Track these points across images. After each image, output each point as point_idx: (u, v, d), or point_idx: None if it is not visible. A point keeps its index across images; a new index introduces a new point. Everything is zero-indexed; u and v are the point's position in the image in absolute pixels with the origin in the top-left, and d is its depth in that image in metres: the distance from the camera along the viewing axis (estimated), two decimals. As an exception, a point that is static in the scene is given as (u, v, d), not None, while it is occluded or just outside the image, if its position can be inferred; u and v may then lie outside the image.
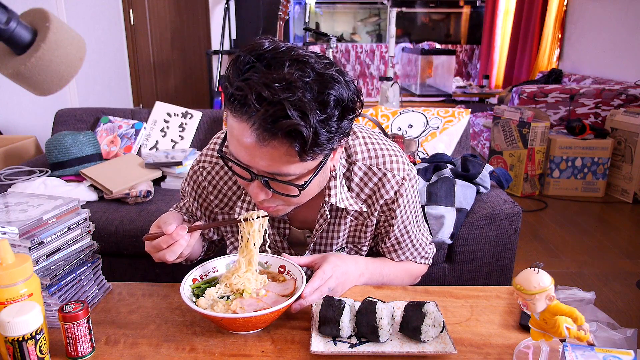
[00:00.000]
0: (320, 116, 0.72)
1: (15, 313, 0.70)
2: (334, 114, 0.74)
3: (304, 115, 0.70)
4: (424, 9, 7.59)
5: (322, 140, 0.73)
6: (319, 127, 0.72)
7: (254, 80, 0.70)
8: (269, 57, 0.73)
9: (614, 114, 3.66)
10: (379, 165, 0.99)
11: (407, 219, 1.04)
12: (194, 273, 0.92)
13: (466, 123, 2.25)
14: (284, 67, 0.72)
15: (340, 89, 0.74)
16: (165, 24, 5.37)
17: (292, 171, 0.78)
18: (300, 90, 0.70)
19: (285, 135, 0.71)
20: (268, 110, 0.70)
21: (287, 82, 0.70)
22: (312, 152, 0.75)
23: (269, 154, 0.75)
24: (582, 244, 2.86)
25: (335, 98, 0.73)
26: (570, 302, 0.95)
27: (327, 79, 0.73)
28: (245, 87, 0.71)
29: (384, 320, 0.79)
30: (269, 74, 0.71)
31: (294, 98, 0.69)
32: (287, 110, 0.69)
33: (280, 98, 0.69)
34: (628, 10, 4.21)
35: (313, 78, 0.72)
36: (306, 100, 0.70)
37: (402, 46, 7.16)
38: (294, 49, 0.74)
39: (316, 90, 0.72)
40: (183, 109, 2.50)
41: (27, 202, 0.91)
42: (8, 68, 0.70)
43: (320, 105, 0.72)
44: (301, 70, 0.72)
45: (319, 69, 0.73)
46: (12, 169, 2.27)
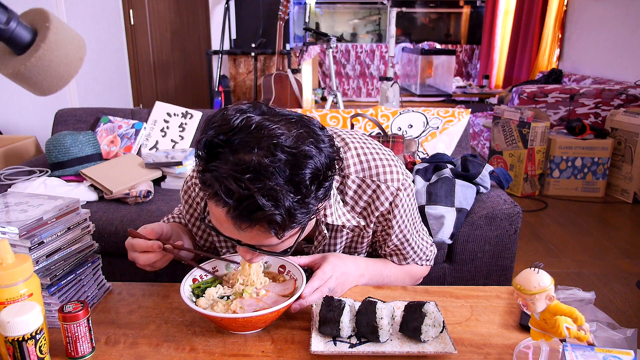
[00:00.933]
0: (294, 198, 0.70)
1: (15, 313, 0.70)
2: (311, 190, 0.72)
3: (277, 202, 0.68)
4: (424, 9, 7.59)
5: (298, 218, 0.72)
6: (295, 208, 0.70)
7: (221, 173, 0.68)
8: (236, 141, 0.70)
9: (614, 114, 3.66)
10: (373, 177, 0.97)
11: (405, 227, 1.04)
12: (194, 273, 0.93)
13: (466, 123, 2.25)
14: (252, 153, 0.68)
15: (314, 163, 0.71)
16: (165, 24, 5.37)
17: (274, 242, 0.78)
18: (271, 177, 0.68)
19: (261, 222, 0.71)
20: (240, 203, 0.68)
21: (257, 172, 0.67)
22: (291, 228, 0.74)
23: (247, 235, 0.75)
24: (582, 244, 2.86)
25: (310, 176, 0.71)
26: (570, 302, 0.95)
27: (300, 158, 0.70)
28: (214, 182, 0.69)
29: (384, 320, 0.79)
30: (236, 163, 0.68)
31: (266, 188, 0.67)
32: (259, 201, 0.67)
33: (250, 191, 0.67)
34: (628, 10, 4.22)
35: (285, 160, 0.69)
36: (278, 187, 0.68)
37: (402, 46, 7.16)
38: (264, 127, 0.70)
39: (288, 173, 0.69)
40: (183, 109, 2.50)
41: (27, 202, 0.91)
42: (8, 68, 0.70)
43: (294, 186, 0.70)
44: (272, 155, 0.68)
45: (291, 149, 0.70)
46: (12, 169, 2.27)
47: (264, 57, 4.78)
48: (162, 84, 5.55)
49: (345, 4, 7.65)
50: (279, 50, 4.51)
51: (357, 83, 7.60)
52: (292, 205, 0.70)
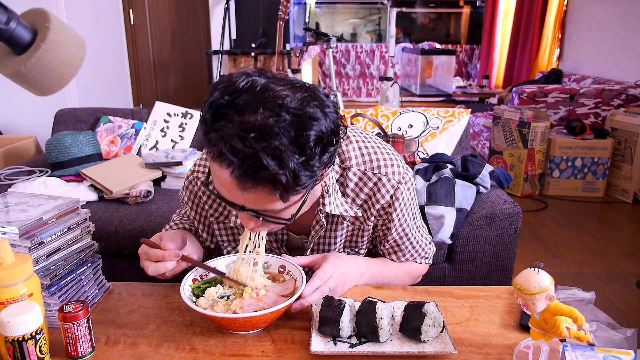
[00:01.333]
0: (299, 159, 0.70)
1: (15, 313, 0.70)
2: (315, 152, 0.72)
3: (281, 162, 0.68)
4: (424, 9, 7.59)
5: (303, 181, 0.72)
6: (299, 170, 0.70)
7: (227, 132, 0.68)
8: (242, 101, 0.70)
9: (614, 114, 3.66)
10: (374, 170, 0.98)
11: (405, 221, 1.04)
12: (194, 273, 0.93)
13: (466, 123, 2.25)
14: (257, 113, 0.68)
15: (319, 126, 0.71)
16: (165, 24, 5.37)
17: (278, 207, 0.77)
18: (276, 137, 0.68)
19: (265, 182, 0.70)
20: (245, 161, 0.68)
21: (262, 131, 0.67)
22: (295, 192, 0.74)
23: (251, 197, 0.74)
24: (582, 244, 2.86)
25: (315, 136, 0.71)
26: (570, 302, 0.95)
27: (305, 119, 0.70)
28: (219, 141, 0.69)
29: (384, 320, 0.79)
30: (242, 123, 0.68)
31: (270, 147, 0.67)
32: (264, 160, 0.67)
33: (256, 150, 0.67)
34: (628, 10, 4.22)
35: (289, 121, 0.69)
36: (283, 147, 0.68)
37: (402, 46, 7.16)
38: (269, 88, 0.71)
39: (293, 133, 0.69)
40: (183, 109, 2.50)
41: (27, 202, 0.91)
42: (8, 68, 0.70)
43: (299, 147, 0.70)
44: (276, 115, 0.68)
45: (296, 110, 0.70)
46: (12, 169, 2.27)
47: (264, 57, 4.78)
48: (162, 84, 5.55)
49: (345, 4, 7.65)
50: (279, 50, 4.51)
51: (357, 83, 7.60)
52: (297, 166, 0.69)
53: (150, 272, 0.90)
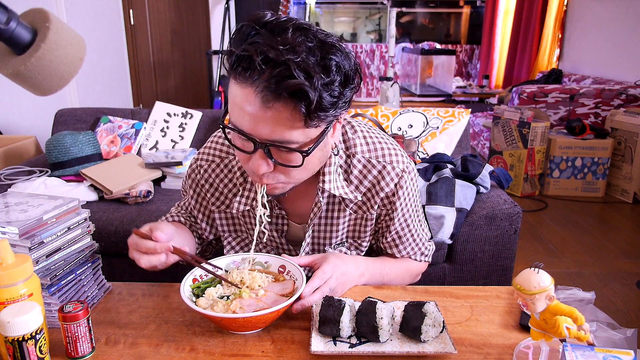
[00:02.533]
0: (324, 79, 0.73)
1: (15, 313, 0.70)
2: (336, 79, 0.75)
3: (309, 76, 0.71)
4: (424, 9, 7.59)
5: (325, 104, 0.74)
6: (323, 90, 0.73)
7: (259, 43, 0.72)
8: (272, 24, 0.74)
9: (614, 114, 3.66)
10: (379, 158, 0.99)
11: (408, 212, 1.05)
12: (194, 273, 0.92)
13: (466, 123, 2.25)
14: (287, 32, 0.73)
15: (341, 57, 0.76)
16: (165, 24, 5.37)
17: (295, 138, 0.78)
18: (304, 53, 0.71)
19: (290, 95, 0.72)
20: (274, 70, 0.71)
21: (292, 46, 0.71)
22: (316, 117, 0.75)
23: (272, 118, 0.75)
24: (582, 244, 2.86)
25: (337, 63, 0.75)
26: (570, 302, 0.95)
27: (329, 45, 0.75)
28: (251, 49, 0.72)
29: (384, 320, 0.79)
30: (273, 38, 0.72)
31: (299, 59, 0.70)
32: (293, 70, 0.70)
33: (285, 58, 0.70)
34: (628, 10, 4.22)
35: (316, 44, 0.74)
36: (310, 63, 0.71)
37: (402, 46, 7.16)
38: (296, 19, 0.76)
39: (319, 55, 0.73)
40: (183, 109, 2.50)
41: (27, 202, 0.91)
42: (8, 68, 0.70)
43: (324, 69, 0.73)
44: (304, 36, 0.73)
45: (321, 37, 0.75)
46: (12, 169, 2.27)
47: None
48: (162, 84, 5.55)
49: (345, 4, 7.65)
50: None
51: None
52: (321, 86, 0.72)
53: (143, 264, 0.88)
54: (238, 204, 1.01)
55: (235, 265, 0.98)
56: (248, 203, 1.01)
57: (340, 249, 1.08)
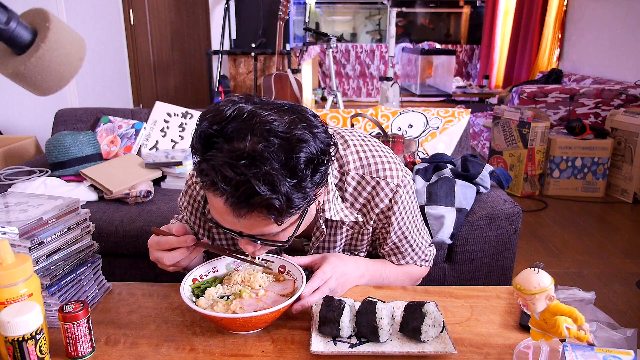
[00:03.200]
0: (290, 182, 0.71)
1: (15, 313, 0.70)
2: (306, 174, 0.72)
3: (274, 187, 0.69)
4: (424, 9, 7.59)
5: (296, 203, 0.73)
6: (292, 193, 0.71)
7: (217, 161, 0.69)
8: (230, 129, 0.71)
9: (614, 114, 3.66)
10: (372, 174, 0.98)
11: (404, 224, 1.04)
12: (194, 273, 0.93)
13: (466, 123, 2.25)
14: (246, 140, 0.69)
15: (309, 147, 0.72)
16: (165, 24, 5.37)
17: (275, 230, 0.79)
18: (267, 162, 0.68)
19: (260, 207, 0.71)
20: (237, 189, 0.69)
21: (252, 157, 0.68)
22: (289, 214, 0.75)
23: (247, 223, 0.76)
24: (582, 244, 2.86)
25: (305, 159, 0.72)
26: (570, 302, 0.95)
27: (294, 142, 0.71)
28: (210, 171, 0.70)
29: (384, 320, 0.79)
30: (231, 150, 0.69)
31: (261, 173, 0.68)
32: (256, 187, 0.68)
33: (247, 177, 0.68)
34: (628, 10, 4.22)
35: (278, 145, 0.70)
36: (274, 171, 0.69)
37: (402, 46, 7.16)
38: (257, 114, 0.71)
39: (283, 157, 0.70)
40: (183, 109, 2.50)
41: (27, 202, 0.91)
42: (8, 68, 0.70)
43: (290, 171, 0.71)
44: (265, 140, 0.69)
45: (284, 133, 0.71)
46: (12, 169, 2.27)
47: (264, 57, 4.78)
48: (162, 84, 5.55)
49: (345, 4, 7.65)
50: (279, 50, 4.51)
51: (357, 83, 7.60)
52: (289, 189, 0.70)
53: (167, 261, 0.87)
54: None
55: (235, 265, 0.98)
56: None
57: None
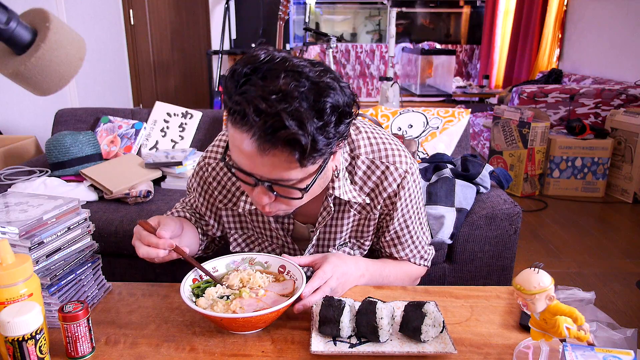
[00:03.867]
0: (317, 124, 0.73)
1: (15, 313, 0.70)
2: (331, 120, 0.75)
3: (301, 124, 0.71)
4: (424, 9, 7.59)
5: (320, 146, 0.75)
6: (317, 134, 0.73)
7: (250, 94, 0.72)
8: (264, 69, 0.74)
9: (614, 114, 3.66)
10: (382, 159, 1.00)
11: (408, 212, 1.05)
12: (194, 273, 0.93)
13: (466, 123, 2.25)
14: (279, 78, 0.73)
15: (335, 96, 0.75)
16: (165, 24, 5.37)
17: (294, 176, 0.79)
18: (296, 100, 0.71)
19: (284, 144, 0.73)
20: (266, 122, 0.71)
21: (283, 93, 0.71)
22: (312, 158, 0.76)
23: (269, 162, 0.76)
24: (582, 244, 2.86)
25: (331, 105, 0.74)
26: (570, 302, 0.95)
27: (323, 87, 0.74)
28: (242, 102, 0.72)
29: (384, 320, 0.79)
30: (265, 86, 0.72)
31: (291, 108, 0.71)
32: (285, 120, 0.70)
33: (277, 109, 0.71)
34: (628, 10, 4.22)
35: (308, 87, 0.73)
36: (302, 109, 0.71)
37: (402, 46, 7.16)
38: (289, 59, 0.76)
39: (312, 99, 0.73)
40: (183, 109, 2.50)
41: (27, 202, 0.91)
42: (8, 68, 0.70)
43: (317, 113, 0.73)
44: (296, 81, 0.73)
45: (314, 78, 0.74)
46: (12, 169, 2.27)
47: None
48: (162, 84, 5.55)
49: (345, 4, 7.64)
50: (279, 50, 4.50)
51: (357, 83, 7.60)
52: (315, 130, 0.73)
53: (140, 253, 0.90)
54: (244, 203, 1.03)
55: (235, 265, 0.98)
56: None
57: (343, 249, 1.09)
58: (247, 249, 1.14)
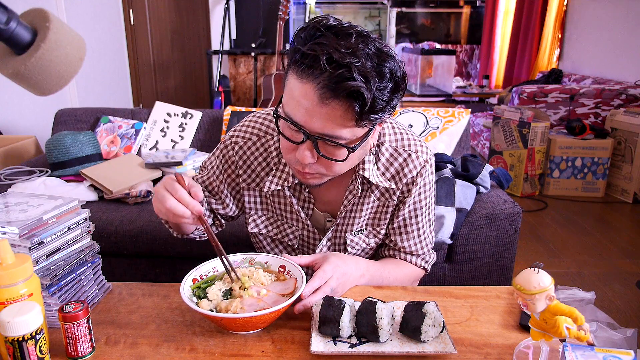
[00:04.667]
0: (378, 84, 0.78)
1: (15, 313, 0.70)
2: (388, 85, 0.80)
3: (367, 80, 0.76)
4: (424, 9, 7.58)
5: (377, 107, 0.80)
6: (377, 94, 0.78)
7: (325, 44, 0.77)
8: (337, 28, 0.80)
9: (614, 114, 3.66)
10: (404, 147, 1.05)
11: (420, 202, 1.07)
12: (194, 273, 0.92)
13: (466, 123, 2.25)
14: (351, 38, 0.79)
15: (395, 64, 0.82)
16: (165, 24, 5.37)
17: (344, 135, 0.82)
18: (363, 58, 0.77)
19: (346, 96, 0.77)
20: (336, 71, 0.76)
21: (353, 50, 0.77)
22: (367, 118, 0.80)
23: (327, 114, 0.80)
24: (582, 244, 2.86)
25: (390, 71, 0.80)
26: (570, 302, 0.95)
27: (385, 54, 0.81)
28: (317, 49, 0.77)
29: (384, 320, 0.79)
30: (338, 41, 0.78)
31: (359, 63, 0.76)
32: (353, 72, 0.75)
33: (347, 61, 0.76)
34: (628, 10, 4.22)
35: (374, 51, 0.79)
36: (368, 67, 0.77)
37: (402, 46, 7.16)
38: (357, 26, 0.82)
39: (375, 62, 0.79)
40: (183, 109, 2.50)
41: (27, 202, 0.91)
42: (8, 68, 0.70)
43: (379, 74, 0.79)
44: (364, 43, 0.79)
45: (378, 45, 0.81)
46: (12, 169, 2.27)
47: (264, 57, 4.78)
48: (162, 84, 5.55)
49: (345, 4, 7.64)
50: (279, 50, 4.51)
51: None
52: (376, 91, 0.78)
53: (168, 205, 0.85)
54: (270, 183, 1.04)
55: (235, 265, 0.97)
56: (280, 183, 1.04)
57: (359, 236, 1.11)
58: (264, 231, 1.15)
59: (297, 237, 1.12)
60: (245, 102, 5.07)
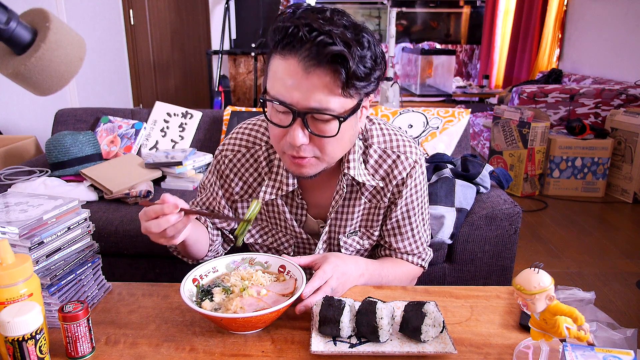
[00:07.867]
0: (359, 52, 0.81)
1: (15, 313, 0.70)
2: (368, 54, 0.82)
3: (348, 45, 0.79)
4: (424, 8, 7.58)
5: (361, 74, 0.81)
6: (359, 60, 0.81)
7: (303, 17, 0.81)
8: (312, 7, 0.84)
9: (614, 114, 3.66)
10: (393, 149, 1.04)
11: (412, 202, 1.07)
12: (194, 273, 0.92)
13: (466, 123, 2.25)
14: (326, 12, 0.83)
15: (371, 36, 0.84)
16: (165, 24, 5.37)
17: (333, 106, 0.83)
18: (342, 27, 0.81)
19: (330, 61, 0.79)
20: (317, 38, 0.78)
21: (331, 21, 0.81)
22: (353, 86, 0.82)
23: (312, 84, 0.81)
24: (582, 244, 2.86)
25: (368, 40, 0.83)
26: (570, 302, 0.95)
27: (361, 27, 0.84)
28: (297, 21, 0.80)
29: (384, 320, 0.79)
30: (315, 15, 0.81)
31: (338, 31, 0.79)
32: (334, 38, 0.78)
33: (327, 29, 0.79)
34: (628, 10, 4.22)
35: (350, 24, 0.83)
36: (348, 35, 0.80)
37: (402, 46, 7.16)
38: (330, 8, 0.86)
39: (353, 33, 0.82)
40: (183, 109, 2.50)
41: (27, 202, 0.91)
42: (8, 68, 0.70)
43: (358, 43, 0.81)
44: (340, 16, 0.83)
45: (353, 20, 0.85)
46: (12, 169, 2.27)
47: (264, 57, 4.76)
48: (162, 84, 5.55)
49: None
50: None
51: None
52: (357, 57, 0.80)
53: (154, 229, 0.82)
54: (264, 193, 1.04)
55: (235, 265, 0.98)
56: (273, 192, 1.04)
57: (353, 237, 1.10)
58: (260, 240, 1.15)
59: (292, 245, 1.12)
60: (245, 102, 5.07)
